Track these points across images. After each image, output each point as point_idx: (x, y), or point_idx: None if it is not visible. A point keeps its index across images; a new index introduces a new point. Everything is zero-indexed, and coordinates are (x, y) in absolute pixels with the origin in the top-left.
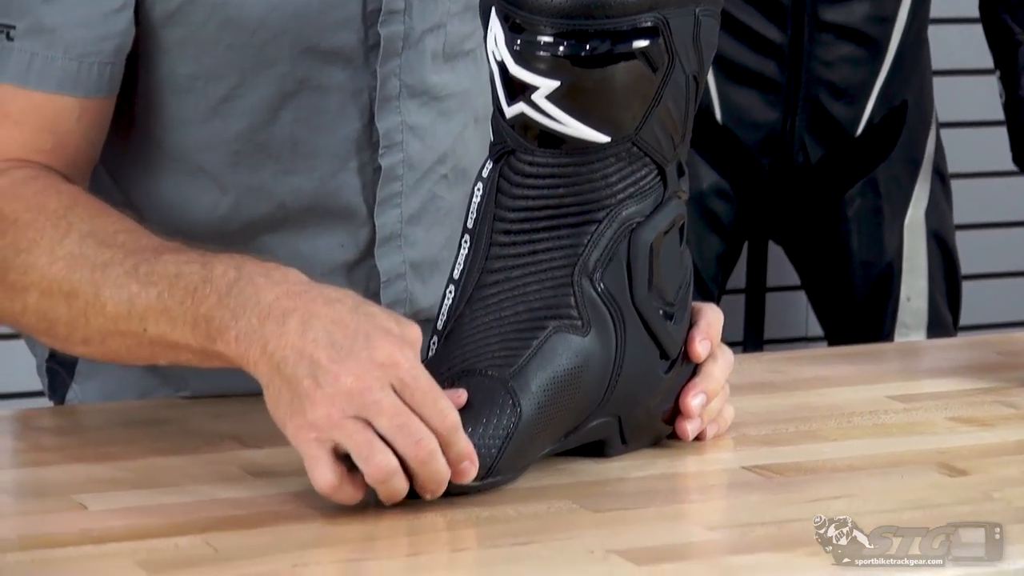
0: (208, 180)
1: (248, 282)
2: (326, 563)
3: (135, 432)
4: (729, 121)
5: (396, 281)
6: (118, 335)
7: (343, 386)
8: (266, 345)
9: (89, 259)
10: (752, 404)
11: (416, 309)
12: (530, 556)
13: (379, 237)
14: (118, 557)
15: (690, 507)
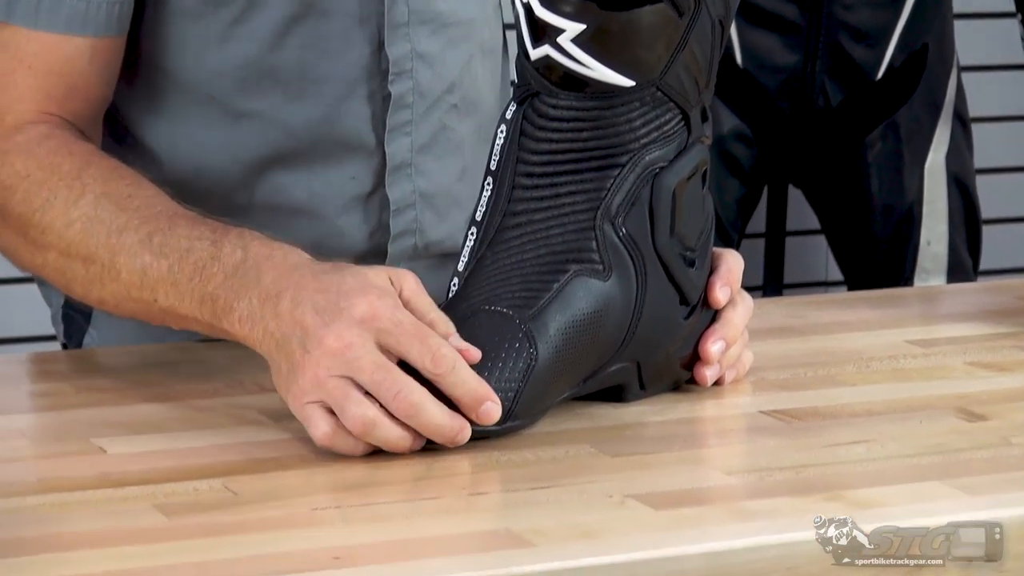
0: (218, 111)
1: (252, 263)
2: (346, 507)
3: (153, 376)
4: (749, 65)
5: (406, 211)
6: (131, 301)
7: (327, 348)
8: (267, 326)
9: (105, 223)
10: (771, 348)
11: (427, 241)
12: (549, 500)
13: (389, 166)
14: (136, 501)
15: (708, 452)
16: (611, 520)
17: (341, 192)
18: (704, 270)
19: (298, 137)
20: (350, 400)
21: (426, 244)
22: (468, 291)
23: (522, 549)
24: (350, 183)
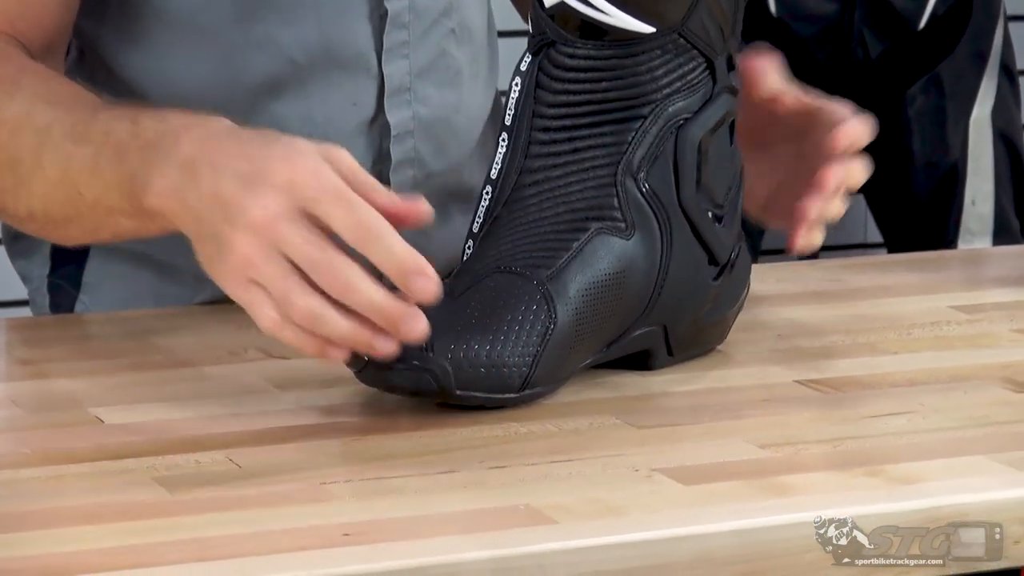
0: (211, 43)
1: (170, 134)
2: (356, 480)
3: (152, 342)
4: (784, 13)
5: (405, 138)
6: (58, 201)
7: (252, 219)
8: (185, 199)
9: (34, 120)
10: (806, 314)
11: (427, 172)
12: (570, 474)
13: (388, 89)
14: (136, 473)
15: (740, 423)
16: (637, 496)
17: (343, 120)
18: (734, 228)
19: (295, 62)
20: (291, 289)
21: (426, 175)
22: (483, 252)
23: (543, 526)
24: (351, 110)
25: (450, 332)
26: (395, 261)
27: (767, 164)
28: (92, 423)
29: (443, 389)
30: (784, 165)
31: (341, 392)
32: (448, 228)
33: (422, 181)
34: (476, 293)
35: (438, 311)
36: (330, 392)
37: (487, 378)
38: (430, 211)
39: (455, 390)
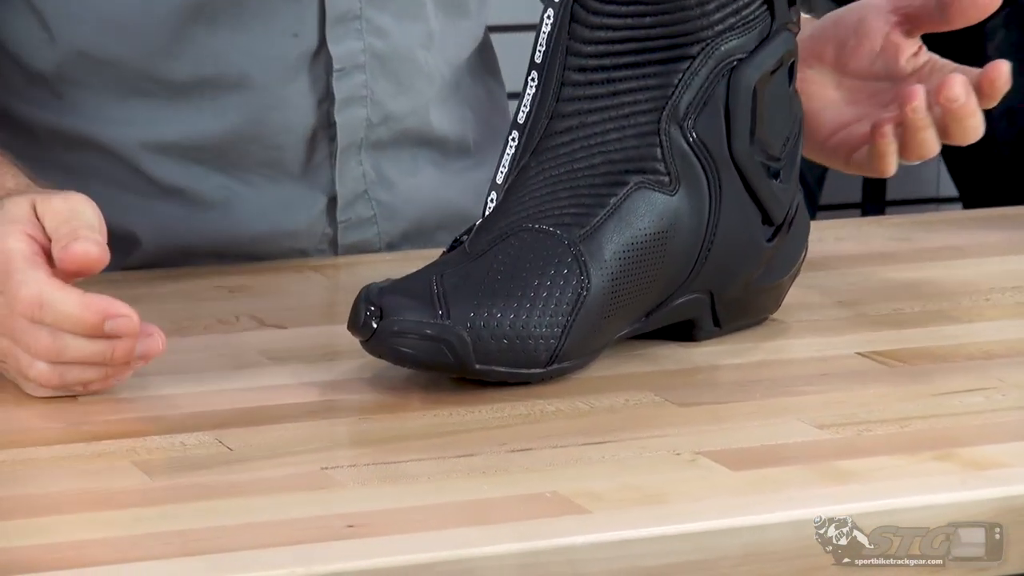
0: None
1: None
2: (361, 466)
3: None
4: None
5: (353, 72)
6: None
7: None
8: None
9: None
10: (871, 278)
11: (384, 114)
12: (603, 458)
13: (330, 15)
14: (113, 457)
15: (795, 401)
16: (679, 482)
17: (283, 53)
18: (791, 183)
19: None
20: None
21: (384, 117)
22: (508, 206)
23: (572, 516)
24: (292, 42)
25: (469, 297)
26: (76, 322)
27: (844, 93)
28: (64, 400)
29: (461, 362)
30: (866, 99)
31: (345, 365)
32: (416, 179)
33: (380, 125)
34: (499, 253)
35: (455, 273)
36: (332, 365)
37: (510, 350)
38: (98, 257)
39: (474, 363)
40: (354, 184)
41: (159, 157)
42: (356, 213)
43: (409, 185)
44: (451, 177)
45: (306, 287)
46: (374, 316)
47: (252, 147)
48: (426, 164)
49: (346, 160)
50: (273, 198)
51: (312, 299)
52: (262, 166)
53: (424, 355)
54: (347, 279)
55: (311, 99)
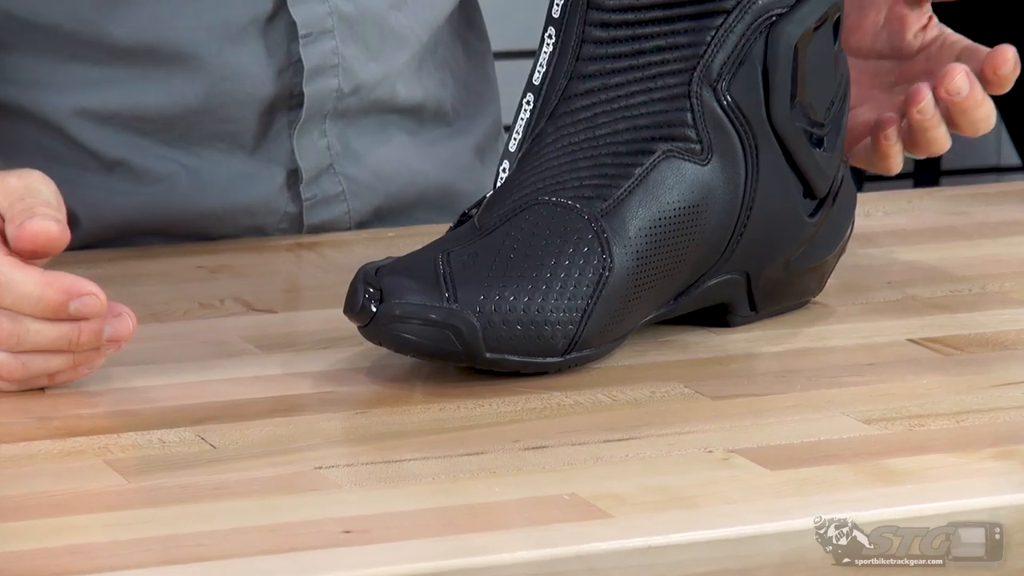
0: None
1: None
2: (359, 465)
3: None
4: None
5: (322, 39)
6: None
7: None
8: None
9: None
10: (924, 256)
11: (356, 83)
12: (627, 457)
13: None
14: (85, 456)
15: (840, 393)
16: (710, 483)
17: (231, 17)
18: (836, 152)
19: None
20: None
21: (355, 87)
22: (522, 177)
23: (593, 521)
24: (241, 4)
25: (478, 279)
26: (36, 303)
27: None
28: (30, 393)
29: (469, 351)
30: (868, 81)
31: (341, 354)
32: (386, 150)
33: (351, 96)
34: (512, 229)
35: (463, 252)
36: (327, 354)
37: (524, 337)
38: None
39: (484, 352)
40: (317, 157)
41: (98, 127)
42: (322, 189)
43: (379, 157)
44: (427, 148)
45: (297, 267)
46: (373, 299)
47: (202, 119)
48: (398, 133)
49: (307, 132)
50: (224, 172)
51: (304, 280)
52: (212, 139)
53: (428, 342)
54: (343, 258)
55: (268, 68)
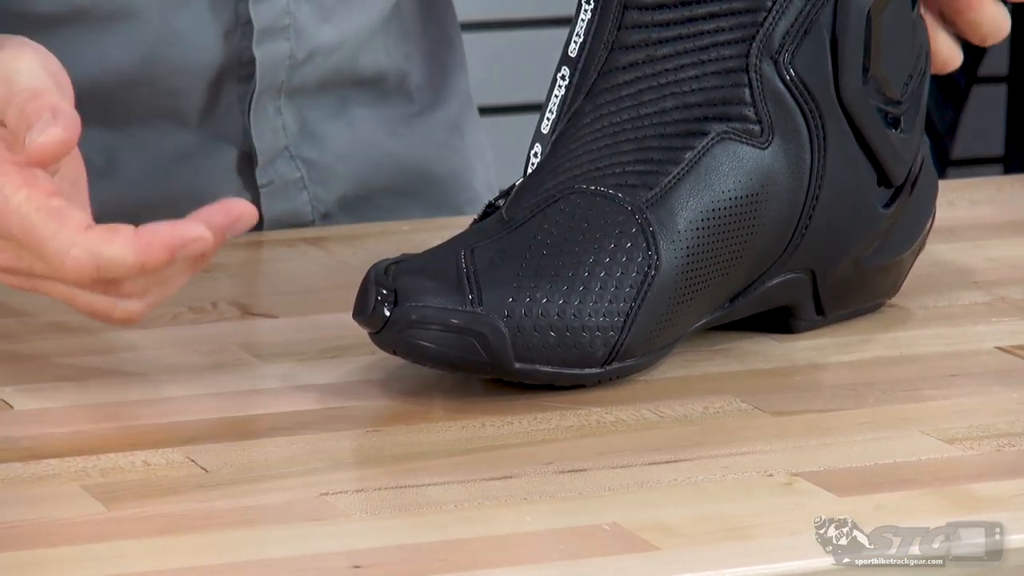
0: None
1: None
2: (372, 490)
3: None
4: None
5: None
6: None
7: None
8: None
9: None
10: (1013, 252)
11: (310, 49)
12: (676, 481)
13: None
14: (59, 481)
15: (917, 409)
16: (771, 511)
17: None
18: (915, 133)
19: None
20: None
21: (309, 53)
22: (556, 162)
23: (637, 554)
24: None
25: (507, 279)
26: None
27: None
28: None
29: (496, 360)
30: None
31: (349, 365)
32: (348, 129)
33: (303, 61)
34: (545, 222)
35: (489, 248)
36: (334, 364)
37: (559, 345)
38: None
39: (513, 362)
40: (272, 138)
41: None
42: (279, 174)
43: (341, 138)
44: (395, 126)
45: (301, 265)
46: (386, 301)
47: (138, 91)
48: (359, 109)
49: (260, 107)
50: (167, 154)
51: (308, 281)
52: (151, 116)
53: (449, 351)
54: (351, 255)
55: (215, 31)
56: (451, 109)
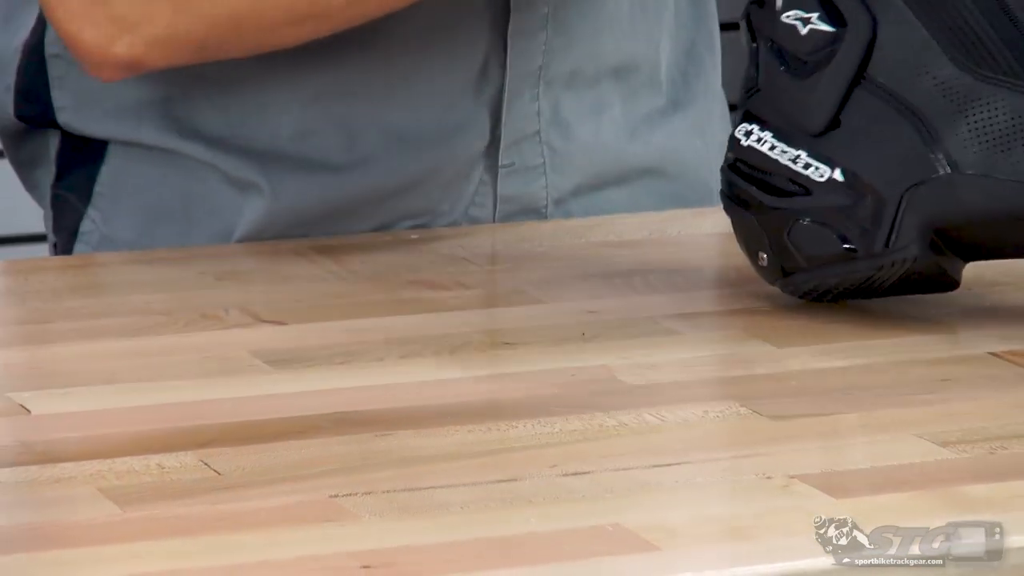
0: None
1: None
2: (380, 493)
3: (105, 299)
4: None
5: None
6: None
7: None
8: None
9: None
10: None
11: (569, 37)
12: (677, 484)
13: None
14: (75, 483)
15: (912, 412)
16: (770, 513)
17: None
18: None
19: None
20: None
21: (567, 42)
22: None
23: (640, 554)
24: None
25: None
26: None
27: None
28: (15, 413)
29: None
30: None
31: (357, 371)
32: (593, 119)
33: (560, 49)
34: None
35: None
36: (342, 370)
37: None
38: None
39: None
40: (525, 123)
41: (294, 96)
42: (522, 159)
43: (588, 129)
44: (640, 124)
45: (311, 273)
46: None
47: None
48: (612, 101)
49: (515, 93)
50: (412, 136)
51: (318, 288)
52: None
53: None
54: (362, 264)
55: (482, 18)
56: (699, 107)
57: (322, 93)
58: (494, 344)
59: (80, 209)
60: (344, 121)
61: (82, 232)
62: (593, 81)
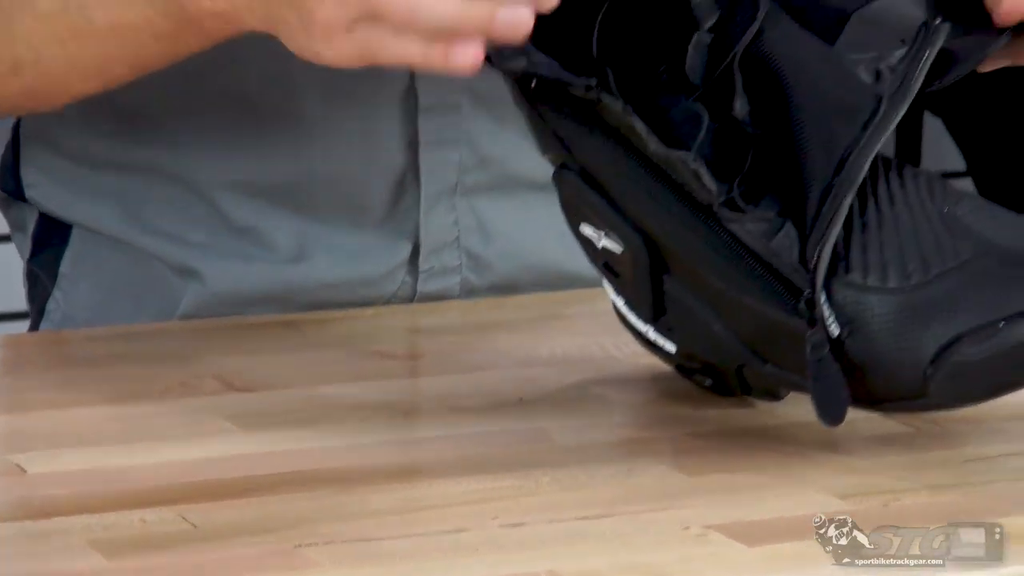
0: None
1: None
2: (339, 543)
3: (90, 370)
4: None
5: (445, 112)
6: (56, 42)
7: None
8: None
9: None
10: None
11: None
12: (603, 533)
13: None
14: (66, 535)
15: (814, 469)
16: (688, 560)
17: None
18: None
19: None
20: (384, 45)
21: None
22: None
23: None
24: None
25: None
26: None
27: None
28: (12, 473)
29: None
30: None
31: (319, 432)
32: (517, 229)
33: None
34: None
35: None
36: (305, 433)
37: None
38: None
39: None
40: (442, 233)
41: (237, 195)
42: (441, 261)
43: (511, 238)
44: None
45: (277, 345)
46: None
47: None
48: (532, 210)
49: (433, 206)
50: (347, 247)
51: (283, 358)
52: (340, 212)
53: None
54: (325, 334)
55: (399, 138)
56: None
57: (260, 192)
58: (441, 408)
59: (48, 288)
60: (277, 220)
61: (48, 310)
62: (514, 192)
